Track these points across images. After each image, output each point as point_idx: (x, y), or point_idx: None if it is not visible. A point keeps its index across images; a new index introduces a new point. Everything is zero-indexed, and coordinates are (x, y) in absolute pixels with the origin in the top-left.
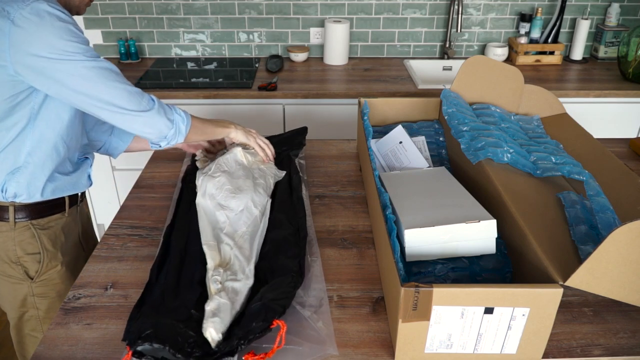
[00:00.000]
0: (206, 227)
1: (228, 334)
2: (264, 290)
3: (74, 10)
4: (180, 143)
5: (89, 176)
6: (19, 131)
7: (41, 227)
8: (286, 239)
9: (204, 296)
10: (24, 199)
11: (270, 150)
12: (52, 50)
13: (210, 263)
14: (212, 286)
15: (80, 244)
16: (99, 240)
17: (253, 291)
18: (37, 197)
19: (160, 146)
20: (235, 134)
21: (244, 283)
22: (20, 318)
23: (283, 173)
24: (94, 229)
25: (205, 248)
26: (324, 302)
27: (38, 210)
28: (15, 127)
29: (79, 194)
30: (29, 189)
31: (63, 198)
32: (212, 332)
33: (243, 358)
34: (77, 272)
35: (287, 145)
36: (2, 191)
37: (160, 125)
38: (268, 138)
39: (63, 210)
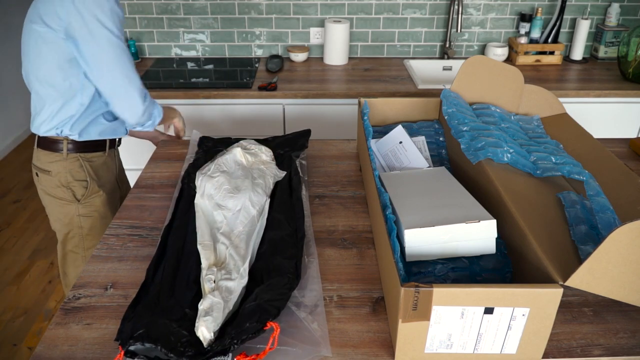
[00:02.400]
0: (203, 227)
1: (221, 333)
2: (259, 290)
3: None
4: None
5: (125, 127)
6: (74, 84)
7: (87, 160)
8: (284, 239)
9: (199, 295)
10: (76, 137)
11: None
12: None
13: (205, 262)
14: (206, 285)
15: (117, 182)
16: (131, 186)
17: (248, 291)
18: (85, 137)
19: (131, 127)
20: (177, 121)
21: (238, 282)
22: (66, 235)
23: (283, 173)
24: (126, 175)
25: (199, 248)
26: (320, 303)
27: (85, 146)
28: (70, 81)
29: (117, 139)
30: (80, 130)
31: (104, 140)
32: (204, 330)
33: (235, 359)
34: (114, 204)
35: (290, 146)
36: (57, 129)
37: (145, 118)
38: (270, 139)
39: (103, 150)
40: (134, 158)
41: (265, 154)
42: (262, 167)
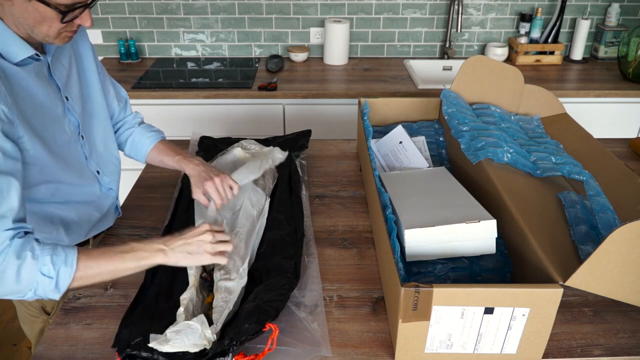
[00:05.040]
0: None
1: (221, 335)
2: (258, 290)
3: (44, 42)
4: None
5: (117, 207)
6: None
7: None
8: (283, 239)
9: None
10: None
11: (227, 194)
12: None
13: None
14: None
15: None
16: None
17: (248, 291)
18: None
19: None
20: (169, 260)
21: (237, 282)
22: (36, 346)
23: (285, 154)
24: None
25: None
26: (320, 303)
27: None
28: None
29: None
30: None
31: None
32: (206, 332)
33: (234, 359)
34: None
35: (290, 146)
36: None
37: (7, 283)
38: (271, 139)
39: (86, 244)
40: None
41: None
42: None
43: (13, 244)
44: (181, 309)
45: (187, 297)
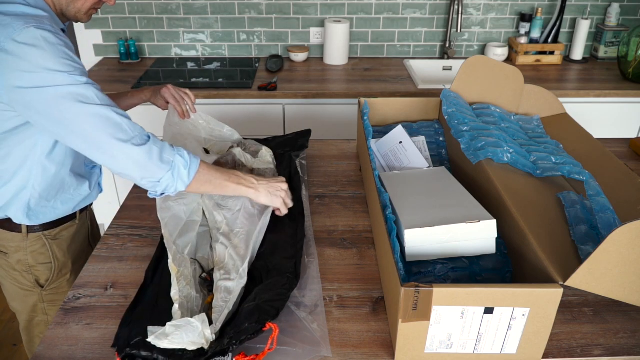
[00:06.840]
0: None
1: (221, 334)
2: (258, 290)
3: (72, 19)
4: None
5: (99, 184)
6: (12, 158)
7: (52, 238)
8: (283, 239)
9: None
10: (40, 220)
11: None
12: (35, 77)
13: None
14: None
15: (90, 245)
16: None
17: (248, 290)
18: (50, 217)
19: (156, 194)
20: (257, 196)
21: (237, 282)
22: (30, 321)
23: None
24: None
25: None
26: (320, 303)
27: (49, 222)
28: (9, 156)
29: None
30: (38, 212)
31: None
32: (206, 331)
33: (234, 359)
34: None
35: (290, 146)
36: (13, 216)
37: (152, 166)
38: (270, 139)
39: (74, 219)
40: None
41: (266, 154)
42: (262, 167)
43: (152, 139)
44: (176, 306)
45: (176, 291)
